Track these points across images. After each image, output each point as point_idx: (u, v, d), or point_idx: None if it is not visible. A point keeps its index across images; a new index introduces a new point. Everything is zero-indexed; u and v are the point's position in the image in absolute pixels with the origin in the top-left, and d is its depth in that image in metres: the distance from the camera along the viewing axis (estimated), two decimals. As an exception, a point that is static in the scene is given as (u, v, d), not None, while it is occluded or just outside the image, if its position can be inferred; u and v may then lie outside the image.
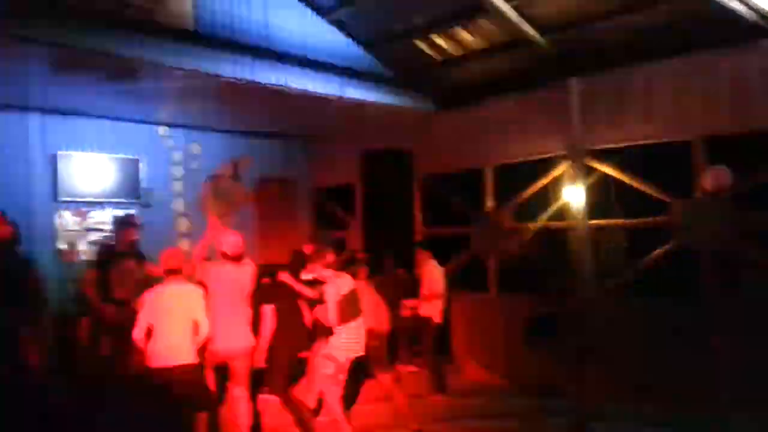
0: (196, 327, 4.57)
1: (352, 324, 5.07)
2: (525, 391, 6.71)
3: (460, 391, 6.85)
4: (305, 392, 5.57)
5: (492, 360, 7.32)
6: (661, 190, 6.04)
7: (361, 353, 5.17)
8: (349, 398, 5.41)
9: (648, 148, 6.18)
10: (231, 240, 5.07)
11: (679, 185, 5.91)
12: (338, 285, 5.07)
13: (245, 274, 5.06)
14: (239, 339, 4.89)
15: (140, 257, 5.91)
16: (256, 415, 5.19)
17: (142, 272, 5.75)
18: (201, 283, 4.85)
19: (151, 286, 4.73)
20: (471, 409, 6.17)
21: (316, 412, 5.46)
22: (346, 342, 5.05)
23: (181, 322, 4.49)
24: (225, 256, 5.02)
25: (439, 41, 6.83)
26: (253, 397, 5.24)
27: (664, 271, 6.19)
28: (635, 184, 6.24)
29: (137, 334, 4.46)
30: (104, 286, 5.59)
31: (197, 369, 4.58)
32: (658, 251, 6.08)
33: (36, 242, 7.08)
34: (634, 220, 6.47)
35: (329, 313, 4.99)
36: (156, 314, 4.47)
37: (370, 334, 5.37)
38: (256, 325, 5.15)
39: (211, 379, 4.94)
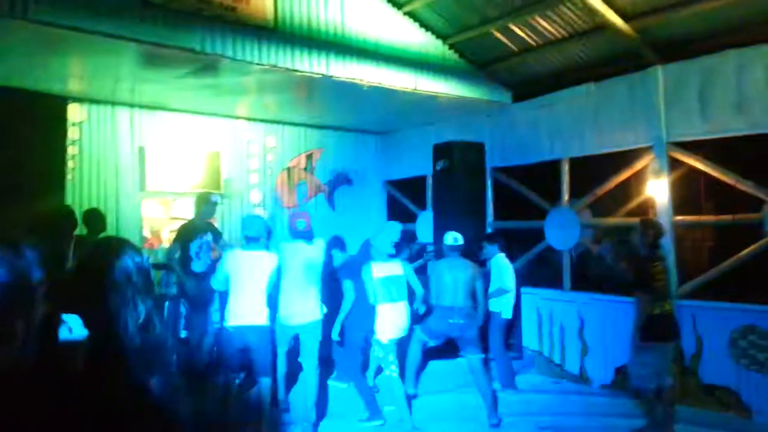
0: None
1: (392, 305, 5.30)
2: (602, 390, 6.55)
3: (531, 387, 6.74)
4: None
5: (565, 357, 7.15)
6: (754, 186, 5.69)
7: (402, 335, 5.42)
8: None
9: (740, 141, 5.84)
10: (300, 218, 5.29)
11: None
12: (379, 265, 5.34)
13: (316, 251, 5.25)
14: (308, 313, 5.11)
15: (217, 234, 6.21)
16: (324, 399, 5.37)
17: (219, 247, 6.06)
18: None
19: None
20: (541, 406, 6.06)
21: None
22: (387, 323, 5.29)
23: (254, 285, 4.80)
24: (296, 234, 5.20)
25: (517, 30, 6.69)
26: (324, 378, 5.49)
27: (753, 272, 5.87)
28: (725, 178, 5.91)
29: (214, 282, 5.00)
30: (185, 260, 5.88)
31: (266, 332, 4.86)
32: (746, 251, 5.75)
33: (123, 230, 7.49)
34: (723, 217, 6.14)
35: (369, 291, 5.29)
36: (233, 275, 4.81)
37: (461, 312, 5.57)
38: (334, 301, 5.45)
39: (281, 357, 5.30)
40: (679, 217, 6.27)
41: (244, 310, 4.76)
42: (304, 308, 5.12)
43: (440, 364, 6.65)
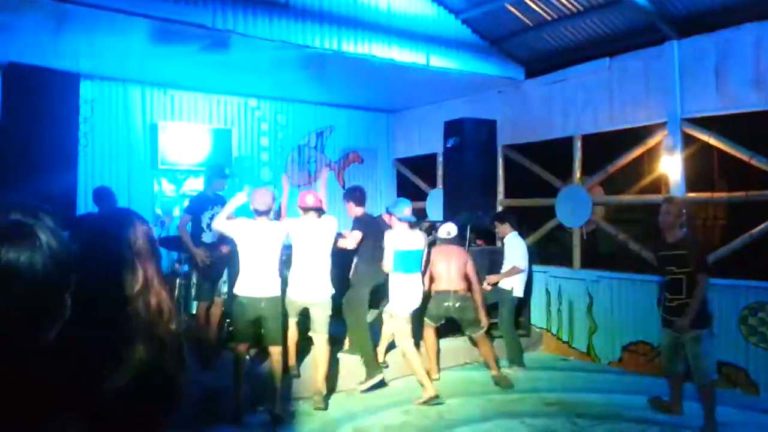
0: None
1: (407, 276, 5.38)
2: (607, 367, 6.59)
3: (539, 364, 6.79)
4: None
5: (573, 334, 7.18)
6: (768, 162, 5.65)
7: (418, 306, 5.54)
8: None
9: (754, 117, 5.76)
10: (309, 194, 5.34)
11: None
12: (399, 235, 5.40)
13: (326, 227, 5.25)
14: (318, 291, 5.14)
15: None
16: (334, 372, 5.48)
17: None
18: None
19: None
20: (548, 383, 6.10)
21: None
22: (402, 296, 5.39)
23: (266, 256, 4.82)
24: (305, 209, 5.23)
25: (531, 4, 6.60)
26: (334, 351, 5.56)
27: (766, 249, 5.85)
28: (739, 155, 5.85)
29: (220, 222, 4.94)
30: (196, 231, 5.93)
31: (278, 302, 4.91)
32: (757, 228, 5.72)
33: (135, 207, 7.53)
34: (736, 194, 6.09)
35: (385, 259, 5.36)
36: (243, 246, 4.83)
37: (456, 296, 5.79)
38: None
39: (292, 326, 5.32)
40: (692, 194, 6.23)
41: (256, 281, 4.78)
42: (314, 285, 5.14)
43: (444, 343, 6.68)
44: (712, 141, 6.05)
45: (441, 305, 5.83)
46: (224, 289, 5.95)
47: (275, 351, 4.88)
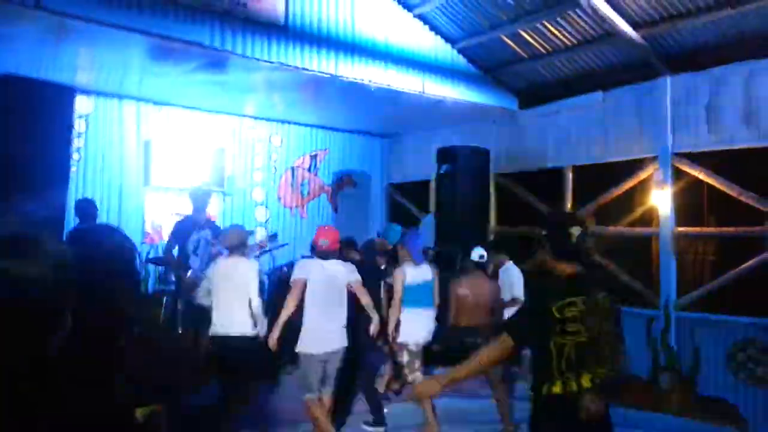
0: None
1: (420, 311, 5.18)
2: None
3: (526, 395, 6.69)
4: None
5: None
6: (757, 198, 5.69)
7: (428, 339, 5.27)
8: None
9: (744, 153, 5.83)
10: (324, 236, 4.70)
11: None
12: (407, 271, 5.18)
13: (342, 270, 4.71)
14: (335, 340, 4.58)
15: (216, 230, 6.15)
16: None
17: (216, 244, 6.02)
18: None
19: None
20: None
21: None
22: (412, 328, 5.17)
23: (237, 294, 4.62)
24: (319, 251, 4.69)
25: (526, 36, 6.70)
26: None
27: (754, 285, 5.86)
28: (729, 190, 5.90)
29: (202, 299, 4.82)
30: (183, 256, 5.86)
31: (253, 340, 4.66)
32: (745, 265, 5.74)
33: (125, 224, 7.49)
34: (725, 229, 6.13)
35: (395, 294, 5.15)
36: (215, 284, 4.67)
37: (479, 332, 5.36)
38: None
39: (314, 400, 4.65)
40: (682, 228, 6.27)
41: (226, 319, 4.55)
42: (330, 334, 4.57)
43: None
44: (703, 176, 6.11)
45: (463, 341, 5.35)
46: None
47: (237, 393, 4.65)
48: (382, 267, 6.36)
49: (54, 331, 1.03)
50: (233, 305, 4.60)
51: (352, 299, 4.95)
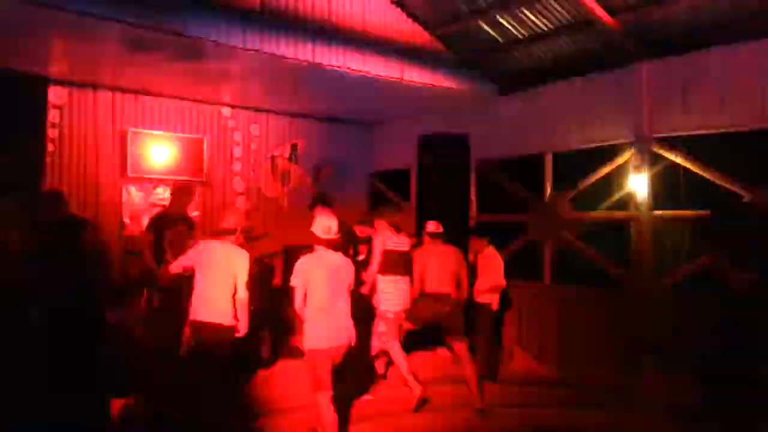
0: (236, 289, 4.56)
1: (397, 278, 5.42)
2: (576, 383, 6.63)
3: (509, 379, 6.79)
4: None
5: (543, 350, 7.21)
6: (735, 182, 5.77)
7: (405, 308, 5.51)
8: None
9: (720, 137, 5.90)
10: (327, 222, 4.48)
11: (756, 177, 5.62)
12: (386, 238, 5.46)
13: (343, 261, 4.55)
14: (342, 336, 4.37)
15: (192, 224, 6.12)
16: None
17: (193, 238, 5.96)
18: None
19: None
20: (519, 397, 6.10)
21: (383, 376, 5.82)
22: (391, 296, 5.40)
23: (222, 283, 4.50)
24: (320, 241, 4.45)
25: (504, 22, 6.69)
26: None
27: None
28: (706, 174, 5.97)
29: (173, 268, 4.74)
30: (159, 249, 5.80)
31: (230, 332, 4.53)
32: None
33: (103, 215, 7.40)
34: (702, 212, 6.21)
35: (373, 262, 5.34)
36: (199, 268, 4.55)
37: (448, 299, 5.59)
38: None
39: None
40: (659, 212, 6.34)
41: (206, 306, 4.47)
42: (337, 330, 4.35)
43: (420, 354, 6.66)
44: (679, 160, 6.17)
45: (430, 308, 5.58)
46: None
47: (221, 388, 4.57)
48: (361, 257, 6.38)
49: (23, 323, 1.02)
50: (216, 293, 4.50)
51: None
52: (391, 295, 5.43)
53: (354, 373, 5.28)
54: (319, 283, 4.30)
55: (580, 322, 6.84)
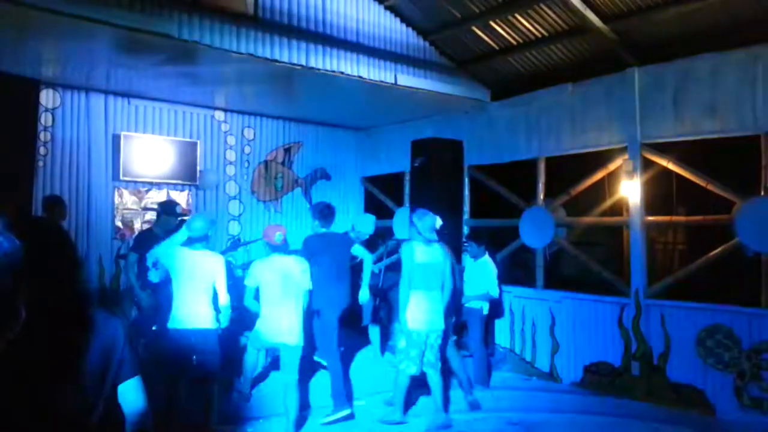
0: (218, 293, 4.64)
1: (425, 294, 5.01)
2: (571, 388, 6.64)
3: (502, 383, 6.79)
4: None
5: (535, 354, 7.22)
6: (726, 188, 5.80)
7: (439, 327, 5.06)
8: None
9: (711, 143, 5.94)
10: (278, 231, 4.92)
11: (745, 183, 5.66)
12: (422, 248, 5.06)
13: (295, 265, 4.89)
14: (289, 334, 4.77)
15: None
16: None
17: None
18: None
19: None
20: (511, 402, 6.09)
21: None
22: (417, 313, 4.97)
23: (202, 289, 4.52)
24: (273, 246, 4.90)
25: (497, 28, 6.72)
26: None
27: (722, 273, 5.99)
28: (697, 180, 6.01)
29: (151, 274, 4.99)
30: (142, 270, 5.75)
31: (213, 335, 4.57)
32: (713, 252, 5.86)
33: (95, 220, 7.37)
34: (693, 218, 6.24)
35: (404, 275, 5.00)
36: (177, 277, 4.56)
37: None
38: None
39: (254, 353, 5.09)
40: (651, 218, 6.37)
41: (188, 312, 4.48)
42: (284, 327, 4.75)
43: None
44: (671, 166, 6.20)
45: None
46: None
47: (210, 388, 4.61)
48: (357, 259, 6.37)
49: (8, 326, 1.01)
50: (197, 300, 4.50)
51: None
52: (416, 313, 5.06)
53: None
54: (271, 283, 4.73)
55: (572, 327, 6.86)
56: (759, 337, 5.45)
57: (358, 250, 5.65)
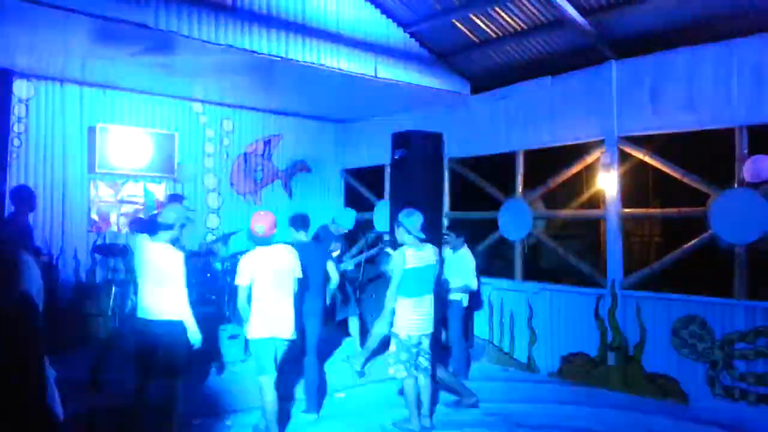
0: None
1: (418, 300, 4.89)
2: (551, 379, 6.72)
3: (481, 374, 6.85)
4: None
5: (514, 345, 7.29)
6: (701, 180, 5.89)
7: (430, 329, 4.97)
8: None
9: (687, 136, 6.02)
10: (260, 222, 4.70)
11: (721, 175, 5.75)
12: (413, 252, 4.91)
13: (285, 257, 4.75)
14: (282, 329, 4.66)
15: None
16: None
17: None
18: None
19: None
20: (490, 393, 6.15)
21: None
22: (410, 318, 4.86)
23: (157, 279, 4.37)
24: (256, 238, 4.69)
25: (477, 21, 6.73)
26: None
27: (698, 264, 6.10)
28: (673, 173, 6.09)
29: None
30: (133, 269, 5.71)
31: (176, 327, 4.38)
32: (688, 244, 5.96)
33: (69, 212, 7.26)
34: (669, 210, 6.33)
35: (392, 280, 4.85)
36: (137, 266, 4.50)
37: None
38: None
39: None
40: (628, 210, 6.45)
41: (149, 303, 4.38)
42: (279, 321, 4.64)
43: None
44: (648, 159, 6.29)
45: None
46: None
47: (173, 383, 4.43)
48: (337, 252, 6.37)
49: None
50: (158, 291, 4.37)
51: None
52: (407, 318, 4.93)
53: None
54: (261, 276, 4.59)
55: (549, 318, 6.93)
56: (731, 327, 5.57)
57: (330, 267, 5.54)
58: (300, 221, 5.48)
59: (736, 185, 5.61)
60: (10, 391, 1.27)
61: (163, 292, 4.35)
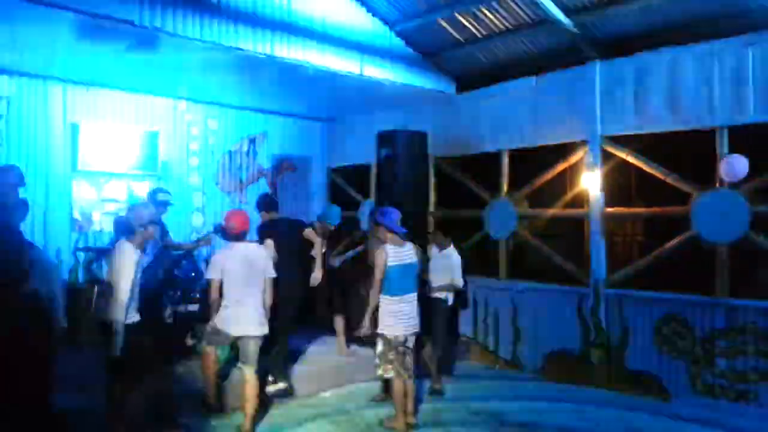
0: None
1: (402, 298, 4.86)
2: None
3: (465, 372, 6.88)
4: None
5: (498, 343, 7.34)
6: (683, 180, 5.97)
7: (416, 328, 4.95)
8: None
9: (669, 136, 6.10)
10: (232, 220, 4.80)
11: (702, 175, 5.83)
12: (394, 250, 4.88)
13: (256, 253, 4.84)
14: (250, 326, 4.71)
15: (165, 231, 5.98)
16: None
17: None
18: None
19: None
20: (474, 391, 6.19)
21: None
22: (396, 317, 4.83)
23: (117, 277, 4.25)
24: (229, 235, 4.80)
25: (462, 20, 6.76)
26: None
27: (680, 263, 6.17)
28: (656, 172, 6.16)
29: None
30: None
31: (138, 329, 4.32)
32: (670, 243, 6.04)
33: (52, 211, 7.18)
34: (652, 209, 6.41)
35: (375, 278, 4.83)
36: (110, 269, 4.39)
37: None
38: None
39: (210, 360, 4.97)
40: (611, 209, 6.52)
41: (119, 305, 4.22)
42: (249, 319, 4.70)
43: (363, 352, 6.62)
44: (630, 158, 6.35)
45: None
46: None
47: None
48: (323, 250, 6.35)
49: None
50: (122, 291, 4.24)
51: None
52: (392, 317, 4.91)
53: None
54: (232, 273, 4.69)
55: (534, 316, 6.99)
56: (712, 325, 5.65)
57: (309, 234, 5.67)
58: (269, 199, 5.85)
59: (717, 185, 5.69)
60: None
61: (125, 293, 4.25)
